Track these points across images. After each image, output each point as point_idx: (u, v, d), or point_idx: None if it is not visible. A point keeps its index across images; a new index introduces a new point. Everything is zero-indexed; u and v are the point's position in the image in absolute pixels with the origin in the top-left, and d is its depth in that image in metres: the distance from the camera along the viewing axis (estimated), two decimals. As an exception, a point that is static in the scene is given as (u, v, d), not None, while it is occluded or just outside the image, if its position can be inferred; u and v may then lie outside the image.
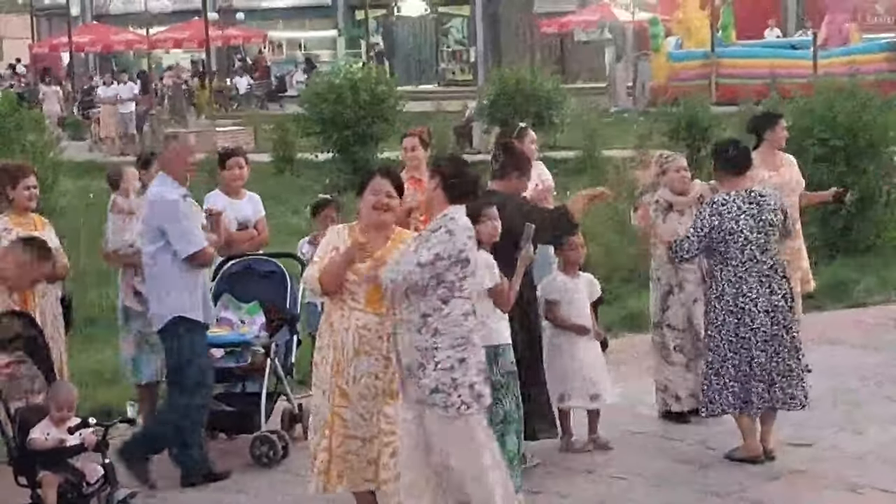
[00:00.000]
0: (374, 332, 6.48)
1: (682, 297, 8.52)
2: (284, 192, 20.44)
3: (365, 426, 6.51)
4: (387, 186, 6.60)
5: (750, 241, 7.66)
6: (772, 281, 7.70)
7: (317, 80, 25.56)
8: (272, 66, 51.88)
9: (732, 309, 7.69)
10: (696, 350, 8.43)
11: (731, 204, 7.68)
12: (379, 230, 6.59)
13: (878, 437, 8.19)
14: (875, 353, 10.22)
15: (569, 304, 8.06)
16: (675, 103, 21.52)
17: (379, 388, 6.50)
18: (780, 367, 7.72)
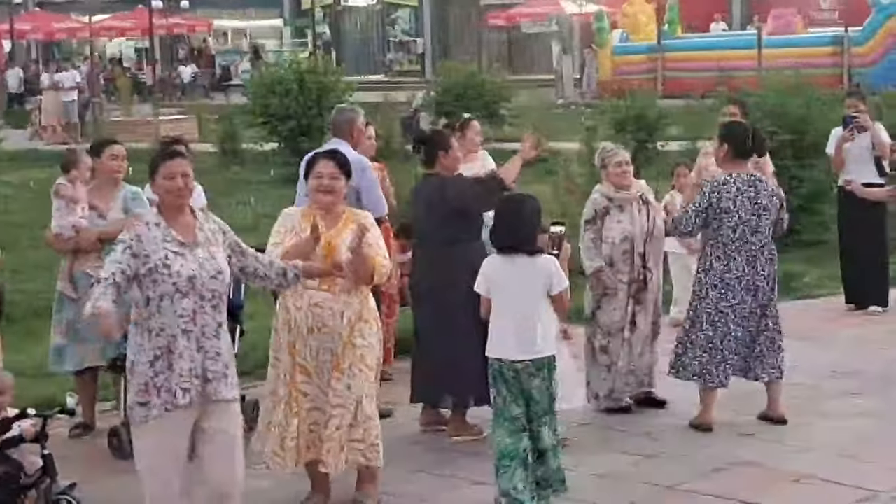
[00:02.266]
0: (328, 309, 6.61)
1: (616, 300, 8.50)
2: (229, 183, 20.26)
3: (324, 399, 6.65)
4: (329, 168, 6.66)
5: (743, 222, 8.04)
6: (757, 262, 8.11)
7: (263, 71, 25.38)
8: (217, 56, 51.54)
9: (717, 283, 8.07)
10: (620, 353, 8.47)
11: (731, 184, 8.06)
12: (328, 212, 6.64)
13: (828, 430, 8.20)
14: (824, 345, 10.25)
15: None
16: (621, 97, 21.53)
17: (332, 364, 6.64)
18: (756, 343, 8.15)
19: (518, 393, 6.68)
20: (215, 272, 5.79)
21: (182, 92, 46.01)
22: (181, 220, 5.84)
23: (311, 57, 27.82)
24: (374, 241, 6.68)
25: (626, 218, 8.41)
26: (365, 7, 53.73)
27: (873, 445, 7.85)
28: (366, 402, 6.69)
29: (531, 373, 6.64)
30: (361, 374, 6.69)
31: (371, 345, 6.75)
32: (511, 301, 6.66)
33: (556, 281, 6.67)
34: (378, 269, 6.62)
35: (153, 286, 5.69)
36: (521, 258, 6.66)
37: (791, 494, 7.14)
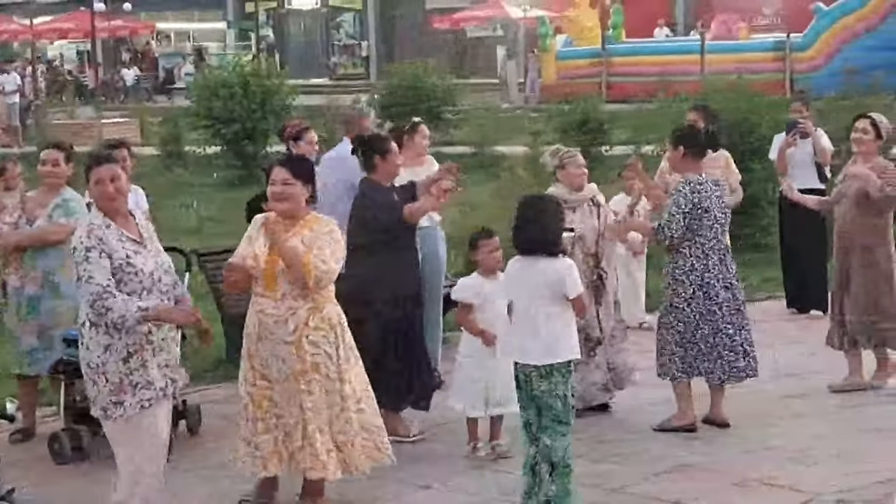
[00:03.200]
0: (271, 316, 6.62)
1: None
2: (172, 186, 20.13)
3: (288, 408, 6.65)
4: (282, 175, 6.70)
5: (717, 221, 8.19)
6: (726, 260, 8.27)
7: (207, 74, 25.24)
8: (160, 58, 51.19)
9: (701, 283, 8.15)
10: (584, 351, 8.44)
11: (705, 184, 8.17)
12: (285, 217, 6.66)
13: (771, 433, 8.24)
14: (766, 349, 10.28)
15: (483, 310, 7.82)
16: (566, 101, 21.61)
17: (288, 373, 6.63)
18: (743, 338, 8.29)
19: (528, 399, 6.61)
20: (168, 266, 6.04)
21: (125, 95, 45.66)
22: (125, 220, 5.98)
23: (255, 60, 27.66)
24: (322, 246, 6.64)
25: (577, 219, 8.43)
26: (309, 10, 53.57)
27: (816, 448, 7.89)
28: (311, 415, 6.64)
29: (539, 378, 6.55)
30: (314, 382, 6.65)
31: (326, 352, 6.70)
32: (525, 303, 6.61)
33: (569, 284, 6.59)
34: (310, 273, 6.55)
35: (119, 286, 5.79)
36: (539, 260, 6.59)
37: (735, 497, 7.16)
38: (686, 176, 8.22)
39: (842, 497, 7.03)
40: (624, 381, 8.71)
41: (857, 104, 15.30)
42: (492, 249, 7.86)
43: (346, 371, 6.80)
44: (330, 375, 6.71)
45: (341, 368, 6.77)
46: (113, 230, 5.88)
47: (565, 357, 6.60)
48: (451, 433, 8.09)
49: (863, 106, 14.52)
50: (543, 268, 6.58)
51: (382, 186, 8.15)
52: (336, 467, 6.74)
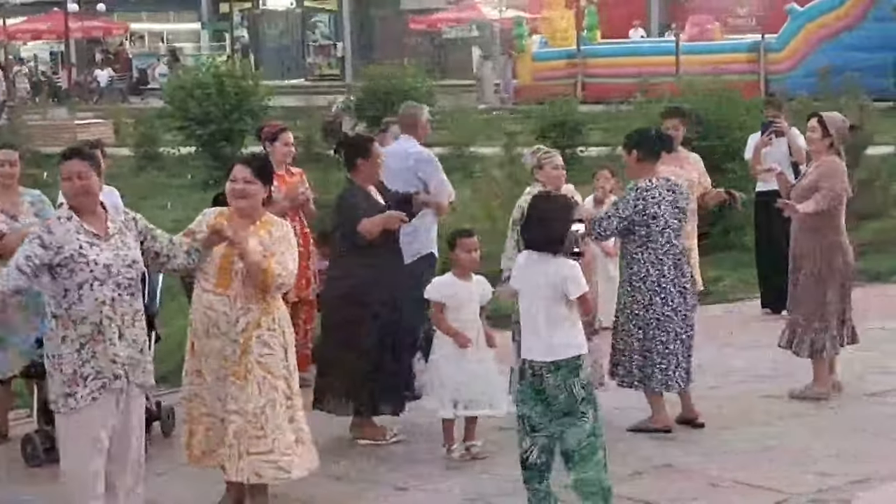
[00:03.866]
0: (222, 313, 6.59)
1: None
2: (147, 187, 20.05)
3: (220, 406, 6.63)
4: (242, 173, 6.68)
5: (669, 226, 8.12)
6: (681, 265, 8.23)
7: (181, 74, 25.16)
8: (134, 59, 51.02)
9: (657, 289, 8.15)
10: None
11: (654, 190, 8.10)
12: (241, 216, 6.66)
13: (745, 433, 8.26)
14: (740, 349, 10.33)
15: (457, 310, 7.80)
16: (542, 102, 21.62)
17: (228, 370, 6.59)
18: (688, 346, 8.29)
19: (532, 393, 6.55)
20: (130, 261, 5.99)
21: (99, 96, 45.48)
22: (92, 215, 6.00)
23: (230, 60, 27.58)
24: (283, 251, 6.63)
25: None
26: (284, 11, 53.48)
27: (791, 448, 7.91)
28: (271, 413, 6.61)
29: (549, 373, 6.50)
30: (265, 381, 6.62)
31: (275, 353, 6.66)
32: (531, 299, 6.59)
33: (570, 285, 6.54)
34: (271, 275, 6.53)
35: (70, 276, 5.84)
36: (544, 257, 6.56)
37: (709, 497, 7.16)
38: (637, 181, 8.17)
39: (816, 497, 7.05)
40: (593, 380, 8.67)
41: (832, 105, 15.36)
42: (470, 248, 7.85)
43: (292, 372, 6.79)
44: (279, 376, 6.67)
45: (290, 369, 6.75)
46: (73, 223, 5.92)
47: (569, 354, 6.53)
48: (427, 434, 8.07)
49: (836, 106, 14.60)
50: (546, 267, 6.54)
51: (362, 190, 8.10)
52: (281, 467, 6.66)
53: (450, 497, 7.27)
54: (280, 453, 6.63)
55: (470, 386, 7.75)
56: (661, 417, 8.26)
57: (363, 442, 8.13)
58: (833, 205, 8.79)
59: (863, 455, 7.73)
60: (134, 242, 6.09)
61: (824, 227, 8.79)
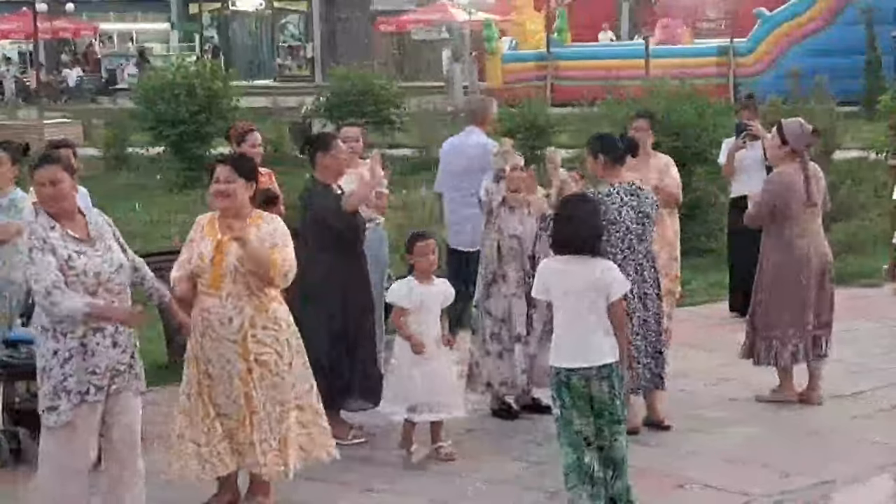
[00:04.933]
0: (216, 314, 6.58)
1: (504, 288, 8.54)
2: (115, 188, 19.96)
3: (234, 406, 6.63)
4: (224, 172, 6.65)
5: (630, 231, 8.01)
6: (644, 270, 8.10)
7: (151, 75, 25.06)
8: (103, 59, 50.76)
9: (655, 286, 8.11)
10: (510, 341, 8.50)
11: (614, 195, 8.00)
12: (228, 215, 6.63)
13: (712, 435, 8.30)
14: (709, 352, 10.36)
15: (418, 313, 7.78)
16: (511, 104, 21.64)
17: (232, 372, 6.60)
18: (650, 351, 8.17)
19: (584, 403, 6.50)
20: (117, 265, 5.96)
21: (67, 96, 45.24)
22: (72, 220, 5.94)
23: (199, 61, 27.47)
24: (279, 242, 6.63)
25: (515, 220, 8.48)
26: (254, 12, 53.35)
27: (756, 451, 7.95)
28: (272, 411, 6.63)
29: (600, 380, 6.47)
30: (274, 379, 6.63)
31: (276, 351, 6.66)
32: (571, 306, 6.51)
33: (616, 285, 6.53)
34: (276, 267, 6.54)
35: None
36: (580, 260, 6.51)
37: (675, 499, 7.21)
38: (598, 187, 8.09)
39: (779, 499, 7.10)
40: (540, 383, 8.62)
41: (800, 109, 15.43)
42: (427, 251, 7.81)
43: (294, 368, 6.77)
44: (280, 374, 6.68)
45: (291, 366, 6.74)
46: (57, 231, 5.84)
47: (615, 358, 6.52)
48: (394, 435, 8.06)
49: (804, 111, 14.68)
50: (586, 269, 6.49)
51: (326, 186, 8.11)
52: (286, 464, 6.70)
53: (418, 498, 7.26)
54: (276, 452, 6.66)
55: (428, 390, 7.71)
56: (628, 420, 8.24)
57: None
58: (761, 213, 8.74)
59: (828, 457, 7.78)
60: (116, 244, 6.05)
61: (778, 238, 8.75)
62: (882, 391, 9.20)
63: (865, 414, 8.71)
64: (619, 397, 6.56)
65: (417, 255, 7.81)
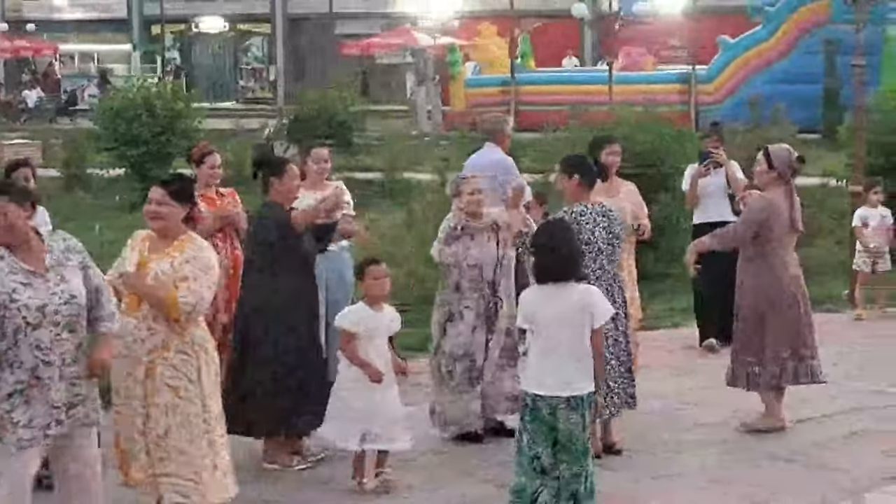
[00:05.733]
0: (130, 334, 6.49)
1: (462, 326, 8.48)
2: (74, 209, 19.80)
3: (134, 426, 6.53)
4: (157, 195, 6.64)
5: (602, 252, 8.02)
6: (613, 290, 8.08)
7: (112, 95, 24.95)
8: (63, 80, 50.51)
9: (622, 307, 8.11)
10: (468, 379, 8.45)
11: (588, 215, 8.02)
12: (160, 236, 6.62)
13: (678, 459, 8.30)
14: (673, 376, 10.36)
15: (369, 339, 7.66)
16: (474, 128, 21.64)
17: (137, 392, 6.49)
18: (622, 371, 8.20)
19: (547, 431, 6.47)
20: (68, 297, 5.81)
21: (27, 116, 44.97)
22: (27, 248, 5.79)
23: (161, 82, 27.39)
24: (189, 274, 6.48)
25: (476, 246, 8.42)
26: (217, 34, 53.27)
27: (721, 474, 7.94)
28: (177, 436, 6.50)
29: (568, 410, 6.43)
30: (173, 404, 6.49)
31: (184, 376, 6.52)
32: (552, 334, 6.48)
33: (599, 312, 6.50)
34: (174, 305, 6.42)
35: (3, 321, 5.65)
36: (564, 287, 6.48)
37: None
38: (571, 206, 8.09)
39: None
40: (497, 408, 8.62)
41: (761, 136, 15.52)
42: (377, 277, 7.71)
43: (210, 395, 6.64)
44: (192, 399, 6.55)
45: (205, 392, 6.60)
46: (5, 262, 5.72)
47: (589, 389, 6.51)
48: (343, 460, 7.97)
49: (766, 138, 14.76)
50: (569, 295, 6.46)
51: (277, 208, 8.04)
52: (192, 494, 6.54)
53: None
54: (184, 478, 6.51)
55: (377, 418, 7.58)
56: (595, 444, 8.21)
57: (270, 466, 8.02)
58: (744, 235, 8.72)
59: (789, 483, 7.77)
60: (75, 273, 5.89)
61: (761, 262, 8.73)
62: (844, 416, 9.22)
63: (827, 439, 8.71)
64: (586, 430, 6.53)
65: (368, 280, 7.72)
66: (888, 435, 8.76)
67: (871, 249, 12.83)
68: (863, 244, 12.91)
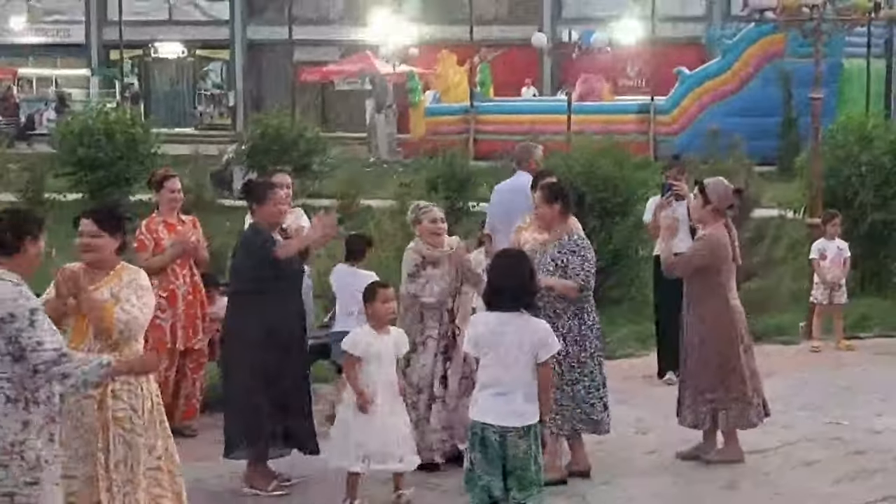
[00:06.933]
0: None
1: (424, 356, 8.49)
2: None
3: (80, 466, 6.32)
4: (86, 227, 6.57)
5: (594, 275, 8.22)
6: (585, 313, 8.27)
7: (70, 120, 24.84)
8: (21, 104, 50.18)
9: (599, 335, 8.30)
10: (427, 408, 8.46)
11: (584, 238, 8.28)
12: (93, 268, 6.50)
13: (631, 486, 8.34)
14: (631, 406, 10.37)
15: (373, 363, 7.69)
16: (432, 156, 21.70)
17: (87, 426, 6.33)
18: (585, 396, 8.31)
19: (496, 460, 6.46)
20: None
21: (-16, 140, 44.66)
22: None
23: (119, 107, 27.30)
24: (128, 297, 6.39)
25: (437, 274, 8.42)
26: (175, 59, 53.14)
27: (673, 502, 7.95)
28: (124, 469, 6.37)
29: (517, 438, 6.43)
30: (121, 437, 6.36)
31: (132, 406, 6.40)
32: (499, 362, 6.47)
33: (546, 346, 6.53)
34: (109, 315, 6.28)
35: None
36: (513, 317, 6.49)
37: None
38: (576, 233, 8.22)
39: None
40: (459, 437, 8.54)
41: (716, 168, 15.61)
42: (387, 300, 7.78)
43: (153, 425, 6.55)
44: (136, 430, 6.46)
45: (147, 422, 6.50)
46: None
47: (536, 419, 6.53)
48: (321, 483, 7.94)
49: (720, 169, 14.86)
50: (520, 326, 6.49)
51: (260, 232, 8.05)
52: None
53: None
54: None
55: (381, 440, 7.63)
56: (559, 469, 8.20)
57: (248, 490, 8.01)
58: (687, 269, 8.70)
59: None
60: None
61: (707, 296, 8.68)
62: (797, 447, 9.27)
63: (781, 468, 8.76)
64: (535, 459, 6.53)
65: (378, 302, 7.75)
66: (841, 465, 8.83)
67: (828, 281, 12.91)
68: (820, 276, 12.99)
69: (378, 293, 7.77)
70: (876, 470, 8.70)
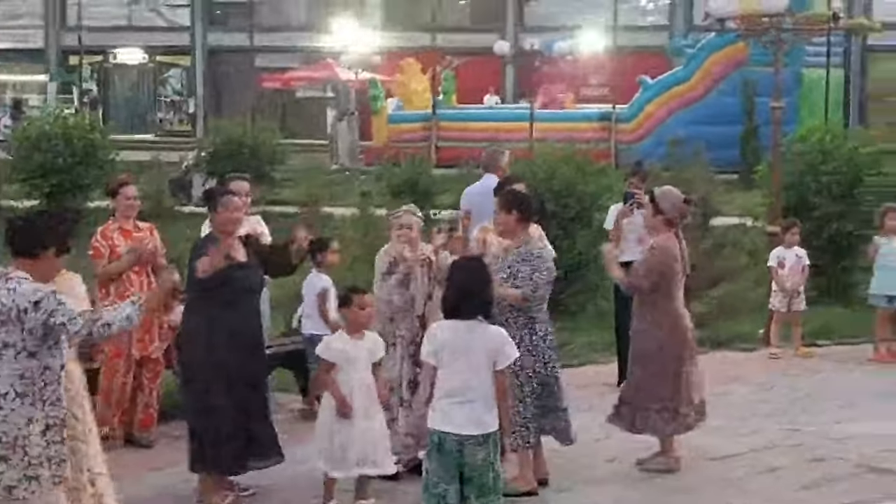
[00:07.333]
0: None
1: (393, 358, 8.43)
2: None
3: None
4: None
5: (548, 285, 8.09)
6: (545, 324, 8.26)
7: (26, 125, 24.60)
8: (-23, 110, 49.79)
9: (553, 346, 8.20)
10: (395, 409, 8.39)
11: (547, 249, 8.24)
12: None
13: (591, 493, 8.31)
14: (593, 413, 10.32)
15: (349, 368, 7.65)
16: (395, 163, 21.67)
17: None
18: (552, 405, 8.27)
19: (453, 469, 6.41)
20: None
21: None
22: None
23: (78, 113, 27.08)
24: None
25: (408, 278, 8.41)
26: (135, 65, 52.85)
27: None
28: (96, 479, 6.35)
29: (475, 446, 6.39)
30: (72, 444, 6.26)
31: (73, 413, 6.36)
32: (457, 370, 6.43)
33: (504, 355, 6.49)
34: None
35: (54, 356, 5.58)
36: (471, 325, 6.46)
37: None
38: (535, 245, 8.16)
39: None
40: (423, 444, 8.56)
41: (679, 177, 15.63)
42: (364, 306, 7.73)
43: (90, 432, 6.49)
44: (78, 438, 6.40)
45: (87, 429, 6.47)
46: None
47: (495, 427, 6.48)
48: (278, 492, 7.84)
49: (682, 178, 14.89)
50: (478, 334, 6.45)
51: (212, 240, 7.93)
52: None
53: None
54: None
55: (359, 444, 7.60)
56: (530, 481, 8.13)
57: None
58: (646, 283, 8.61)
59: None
60: None
61: (663, 310, 8.64)
62: (756, 454, 9.25)
63: (744, 475, 8.74)
64: (493, 468, 6.48)
65: (356, 308, 7.71)
66: (805, 471, 8.83)
67: (787, 289, 12.94)
68: (778, 284, 13.01)
69: (353, 299, 7.72)
70: (840, 477, 8.71)
